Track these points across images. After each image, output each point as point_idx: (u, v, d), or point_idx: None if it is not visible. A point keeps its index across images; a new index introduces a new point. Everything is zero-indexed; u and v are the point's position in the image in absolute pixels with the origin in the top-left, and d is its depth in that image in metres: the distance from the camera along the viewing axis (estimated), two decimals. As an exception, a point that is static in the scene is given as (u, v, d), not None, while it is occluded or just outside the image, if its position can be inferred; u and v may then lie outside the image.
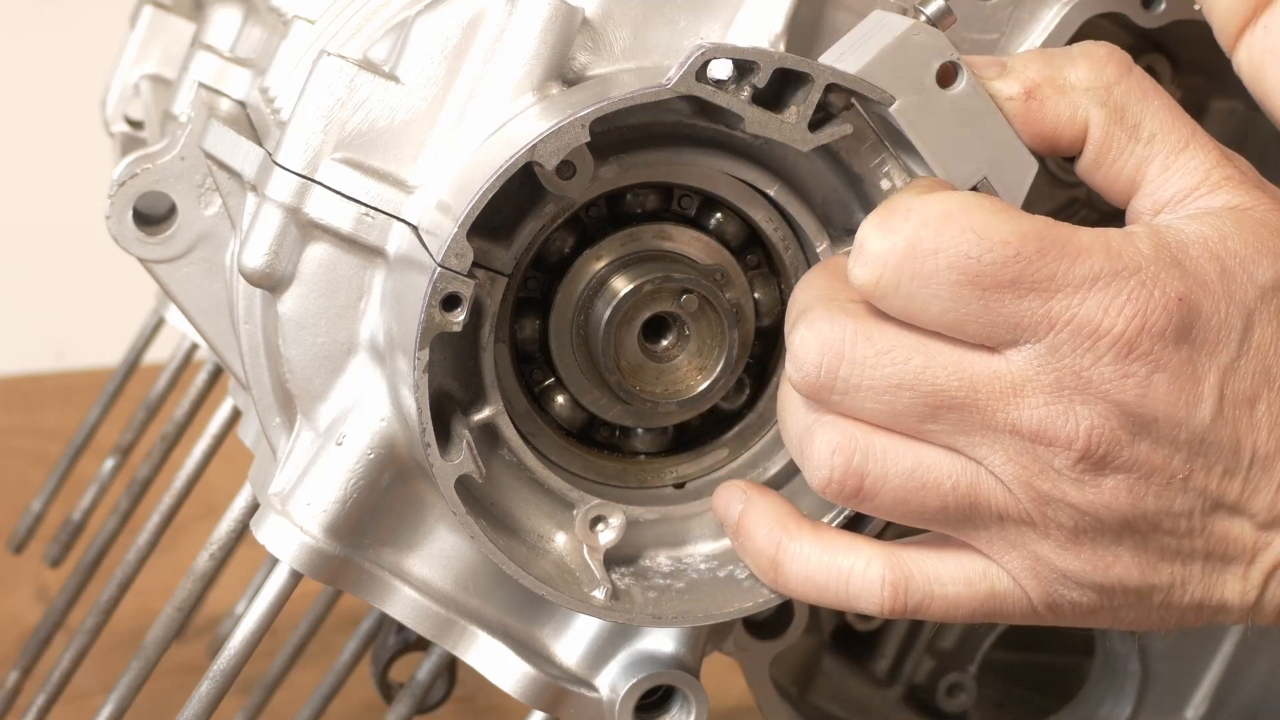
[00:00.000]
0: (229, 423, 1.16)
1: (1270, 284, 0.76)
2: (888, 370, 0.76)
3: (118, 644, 1.24)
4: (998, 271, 0.74)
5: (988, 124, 0.80)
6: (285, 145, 0.82)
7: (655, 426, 0.87)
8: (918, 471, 0.77)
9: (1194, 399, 0.75)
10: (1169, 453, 0.76)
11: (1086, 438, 0.75)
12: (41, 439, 1.65)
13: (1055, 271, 0.74)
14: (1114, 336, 0.74)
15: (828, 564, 0.80)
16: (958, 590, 0.79)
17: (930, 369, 0.76)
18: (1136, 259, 0.75)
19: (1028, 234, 0.74)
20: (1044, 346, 0.75)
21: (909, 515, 0.78)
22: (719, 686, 0.96)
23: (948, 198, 0.76)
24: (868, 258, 0.75)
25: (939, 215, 0.75)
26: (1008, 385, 0.75)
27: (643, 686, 0.87)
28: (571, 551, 0.84)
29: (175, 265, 0.92)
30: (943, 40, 0.79)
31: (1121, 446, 0.75)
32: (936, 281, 0.75)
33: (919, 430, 0.77)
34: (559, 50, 0.81)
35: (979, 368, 0.75)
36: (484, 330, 0.82)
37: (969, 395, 0.75)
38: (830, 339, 0.76)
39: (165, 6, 1.18)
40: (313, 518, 0.83)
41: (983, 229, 0.74)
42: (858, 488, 0.77)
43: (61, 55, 1.91)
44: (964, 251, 0.74)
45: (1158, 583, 0.78)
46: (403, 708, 1.01)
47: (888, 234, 0.75)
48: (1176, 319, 0.74)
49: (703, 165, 0.82)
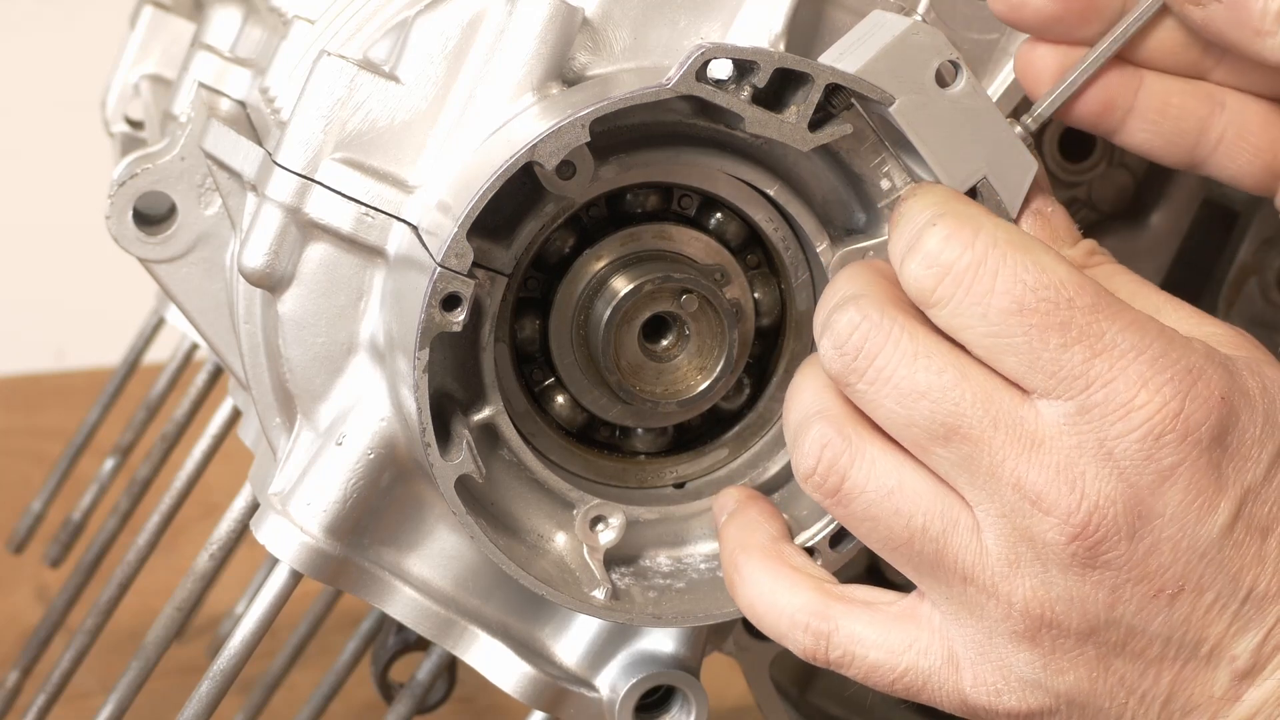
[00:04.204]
0: (229, 423, 1.16)
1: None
2: (920, 375, 0.73)
3: (118, 644, 1.24)
4: (1050, 309, 0.72)
5: (988, 124, 0.80)
6: (285, 145, 0.82)
7: (655, 426, 0.87)
8: (896, 493, 0.75)
9: (1210, 508, 0.72)
10: (1166, 561, 0.72)
11: (1088, 515, 0.72)
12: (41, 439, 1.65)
13: (1105, 330, 0.72)
14: (1148, 413, 0.71)
15: (767, 596, 0.78)
16: (878, 657, 0.76)
17: (959, 389, 0.73)
18: (1188, 347, 0.72)
19: (1085, 285, 0.72)
20: (1075, 405, 0.72)
21: (876, 536, 0.76)
22: (719, 686, 0.96)
23: (1012, 227, 0.74)
24: (931, 261, 0.73)
25: (1007, 239, 0.73)
26: (1029, 434, 0.72)
27: (643, 686, 0.87)
28: (571, 551, 0.84)
29: (175, 265, 0.92)
30: (942, 40, 0.79)
31: (1120, 537, 0.72)
32: (989, 302, 0.73)
33: (925, 449, 0.74)
34: (559, 50, 0.82)
35: (1006, 406, 0.73)
36: (484, 330, 0.82)
37: (987, 431, 0.73)
38: (878, 325, 0.74)
39: (165, 6, 1.18)
40: (313, 518, 0.83)
41: (1045, 265, 0.72)
42: (836, 486, 0.75)
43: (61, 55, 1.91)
44: (1023, 279, 0.72)
45: (1106, 708, 0.74)
46: (403, 708, 1.01)
47: (955, 244, 0.73)
48: (1215, 417, 0.71)
49: (703, 165, 0.82)
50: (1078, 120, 0.81)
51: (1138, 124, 0.81)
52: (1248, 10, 0.78)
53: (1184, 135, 0.82)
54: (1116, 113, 0.81)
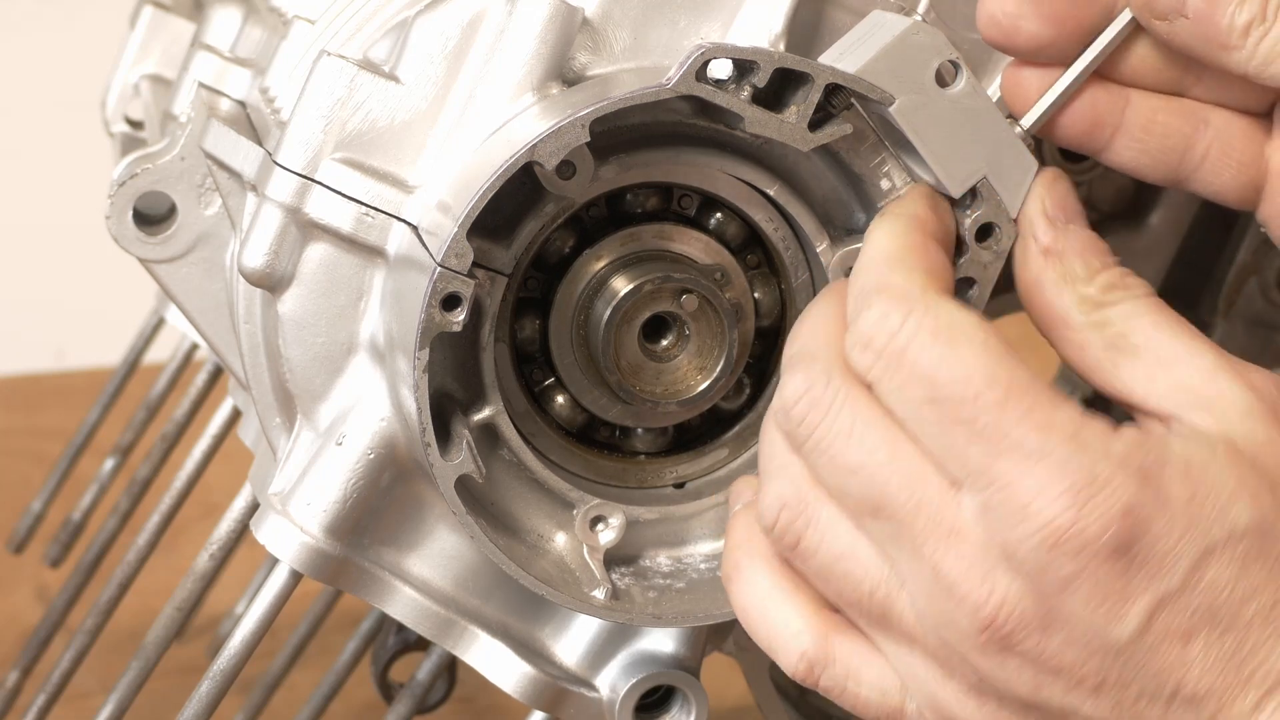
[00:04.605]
0: (229, 423, 1.16)
1: (1243, 529, 0.71)
2: (853, 451, 0.73)
3: (118, 644, 1.24)
4: (956, 404, 0.72)
5: (988, 124, 0.80)
6: (285, 145, 0.82)
7: (655, 426, 0.87)
8: (845, 560, 0.75)
9: (1116, 615, 0.71)
10: (1081, 656, 0.71)
11: (995, 609, 0.71)
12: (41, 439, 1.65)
13: (1010, 430, 0.71)
14: (1042, 522, 0.70)
15: (763, 607, 0.78)
16: (869, 694, 0.76)
17: (887, 470, 0.73)
18: (1097, 455, 0.71)
19: (997, 380, 0.71)
20: (981, 502, 0.71)
21: (831, 593, 0.76)
22: (719, 686, 0.96)
23: (947, 307, 0.73)
24: (864, 342, 0.74)
25: (932, 326, 0.73)
26: (948, 523, 0.72)
27: (643, 686, 0.87)
28: (571, 551, 0.84)
29: (175, 265, 0.92)
30: (942, 40, 0.79)
31: (1030, 631, 0.71)
32: (907, 390, 0.73)
33: (860, 520, 0.74)
34: (559, 50, 0.82)
35: (931, 493, 0.72)
36: (484, 330, 0.82)
37: (910, 514, 0.73)
38: (820, 396, 0.74)
39: (165, 6, 1.18)
40: (313, 518, 0.83)
41: (960, 357, 0.72)
42: (793, 545, 0.76)
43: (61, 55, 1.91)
44: (934, 371, 0.72)
45: None
46: (403, 708, 1.01)
47: (884, 328, 0.73)
48: (1115, 530, 0.70)
49: (703, 165, 0.82)
50: (1066, 140, 0.82)
51: (1124, 142, 0.82)
52: (1214, 25, 0.78)
53: (1170, 152, 0.82)
54: (1104, 131, 0.81)
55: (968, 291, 0.80)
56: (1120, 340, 0.74)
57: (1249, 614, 0.70)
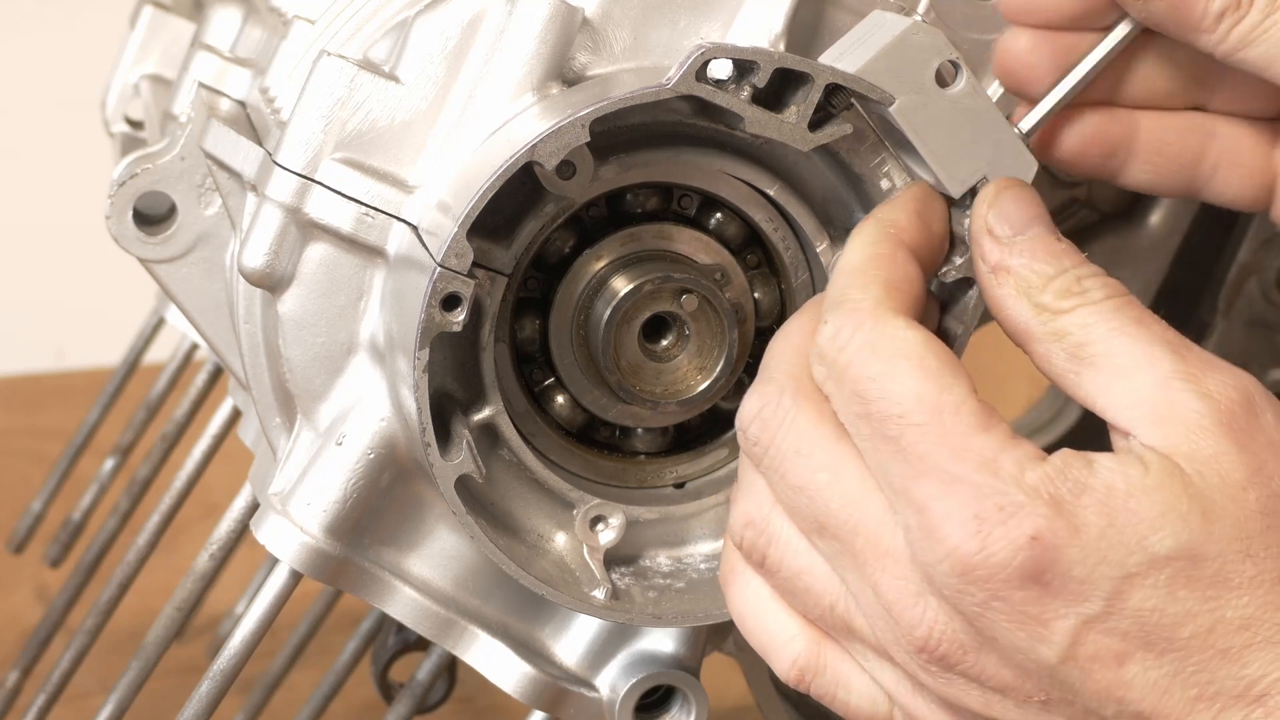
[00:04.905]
0: (229, 423, 1.16)
1: (1166, 554, 0.70)
2: (798, 472, 0.74)
3: (118, 644, 1.24)
4: (881, 422, 0.72)
5: (988, 124, 0.80)
6: (285, 145, 0.82)
7: (655, 426, 0.87)
8: (805, 575, 0.75)
9: (1039, 638, 0.70)
10: (1018, 676, 0.71)
11: (928, 631, 0.72)
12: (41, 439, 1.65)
13: (927, 453, 0.71)
14: (949, 549, 0.70)
15: (757, 612, 0.78)
16: (859, 703, 0.76)
17: (830, 489, 0.73)
18: (1010, 484, 0.70)
19: (924, 400, 0.72)
20: (905, 524, 0.72)
21: (798, 607, 0.76)
22: (719, 686, 0.96)
23: (893, 324, 0.73)
24: (819, 357, 0.74)
25: (872, 344, 0.73)
26: (884, 544, 0.72)
27: (643, 686, 0.87)
28: (571, 551, 0.84)
29: (175, 265, 0.92)
30: (942, 40, 0.79)
31: (965, 652, 0.71)
32: (849, 406, 0.73)
33: (810, 538, 0.75)
34: (559, 50, 0.82)
35: (871, 513, 0.73)
36: (484, 330, 0.82)
37: (850, 535, 0.73)
38: (773, 415, 0.75)
39: (165, 6, 1.18)
40: (313, 518, 0.83)
41: (891, 375, 0.72)
42: (759, 562, 0.76)
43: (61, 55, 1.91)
44: (865, 390, 0.72)
45: None
46: (403, 708, 1.01)
47: (834, 345, 0.74)
48: (1023, 558, 0.70)
49: (703, 165, 0.82)
50: (1081, 171, 0.83)
51: (1138, 165, 0.83)
52: (1189, 9, 0.79)
53: (1183, 168, 0.83)
54: (1117, 159, 0.83)
55: (967, 292, 0.80)
56: (1080, 350, 0.73)
57: (1184, 636, 0.70)
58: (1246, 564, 0.70)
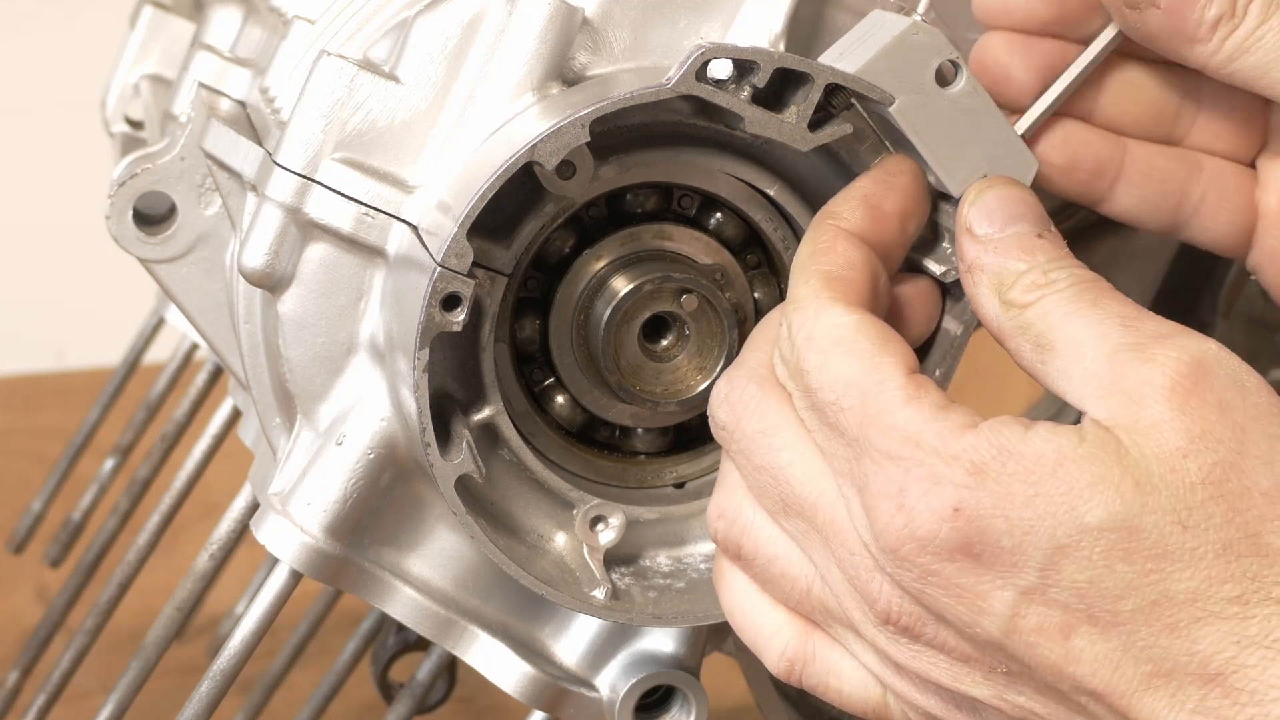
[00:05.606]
0: (229, 423, 1.16)
1: (1097, 525, 0.68)
2: (761, 452, 0.75)
3: (118, 644, 1.24)
4: (824, 408, 0.73)
5: (988, 123, 0.80)
6: (285, 145, 0.82)
7: (655, 426, 0.87)
8: (779, 561, 0.76)
9: (980, 610, 0.70)
10: (974, 648, 0.71)
11: (887, 604, 0.72)
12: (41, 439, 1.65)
13: (860, 435, 0.72)
14: (881, 525, 0.70)
15: (746, 608, 0.78)
16: (851, 690, 0.76)
17: (792, 468, 0.74)
18: (931, 455, 0.70)
19: (855, 384, 0.72)
20: (848, 504, 0.73)
21: (779, 595, 0.77)
22: (719, 686, 0.96)
23: (846, 319, 0.74)
24: (779, 353, 0.75)
25: (820, 336, 0.74)
26: (840, 521, 0.73)
27: (643, 686, 0.87)
28: (571, 551, 0.84)
29: (175, 265, 0.92)
30: (942, 40, 0.79)
31: (925, 624, 0.71)
32: (800, 395, 0.74)
33: (777, 519, 0.75)
34: (559, 50, 0.82)
35: (828, 491, 0.73)
36: (484, 330, 0.82)
37: (811, 512, 0.74)
38: (739, 400, 0.76)
39: (165, 6, 1.18)
40: (313, 518, 0.83)
41: (832, 364, 0.73)
42: (736, 554, 0.77)
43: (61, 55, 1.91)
44: (812, 378, 0.73)
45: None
46: (403, 708, 1.01)
47: (789, 340, 0.75)
48: (947, 530, 0.69)
49: (703, 165, 0.82)
50: (1068, 190, 0.82)
51: (1125, 189, 0.82)
52: (1183, 18, 0.78)
53: (1167, 198, 0.83)
54: (1105, 180, 0.82)
55: (968, 291, 0.80)
56: (1042, 339, 0.73)
57: (1127, 610, 0.69)
58: (1186, 536, 0.69)
